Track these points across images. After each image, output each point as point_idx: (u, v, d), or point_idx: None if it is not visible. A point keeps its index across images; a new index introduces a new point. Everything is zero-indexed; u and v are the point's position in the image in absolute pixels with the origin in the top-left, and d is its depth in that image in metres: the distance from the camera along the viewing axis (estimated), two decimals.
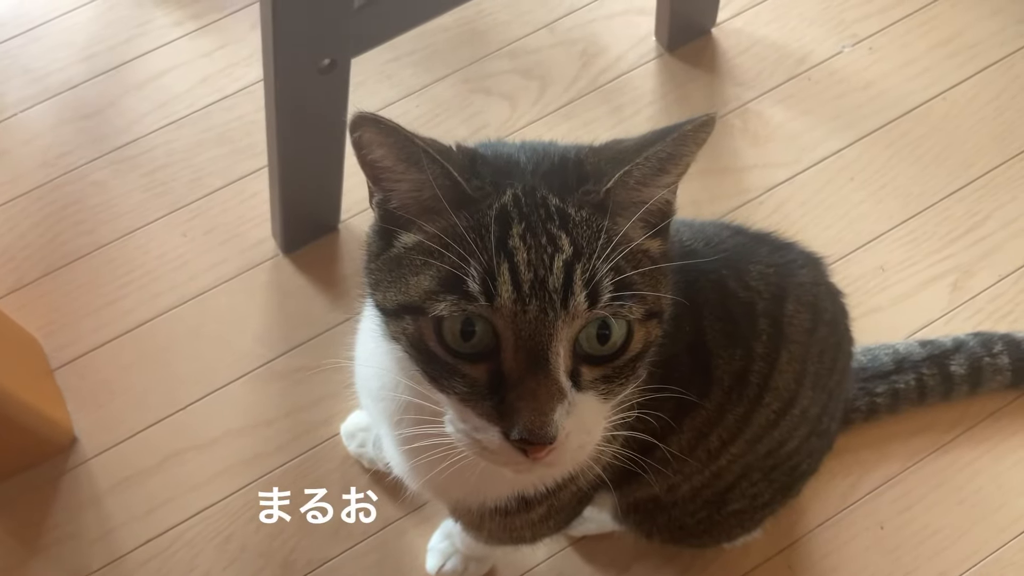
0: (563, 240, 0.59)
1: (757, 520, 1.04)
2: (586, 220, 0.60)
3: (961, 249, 1.31)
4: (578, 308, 0.58)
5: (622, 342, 0.61)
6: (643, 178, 0.62)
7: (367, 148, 0.61)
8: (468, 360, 0.60)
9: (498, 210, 0.60)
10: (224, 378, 1.22)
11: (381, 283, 0.64)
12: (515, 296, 0.57)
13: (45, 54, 1.42)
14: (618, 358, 0.61)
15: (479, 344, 0.59)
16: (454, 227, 0.60)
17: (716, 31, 1.46)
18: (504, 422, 0.58)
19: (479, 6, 1.45)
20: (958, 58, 1.44)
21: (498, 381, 0.59)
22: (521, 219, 0.59)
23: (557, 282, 0.57)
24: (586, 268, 0.58)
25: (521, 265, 0.58)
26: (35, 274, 1.27)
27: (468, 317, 0.58)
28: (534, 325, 0.57)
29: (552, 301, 0.57)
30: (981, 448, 1.19)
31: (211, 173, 1.34)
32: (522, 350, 0.58)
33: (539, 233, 0.59)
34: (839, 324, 0.91)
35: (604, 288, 0.58)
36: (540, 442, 0.58)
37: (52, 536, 1.13)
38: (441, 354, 0.60)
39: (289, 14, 0.95)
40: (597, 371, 0.61)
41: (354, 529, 1.14)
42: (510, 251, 0.58)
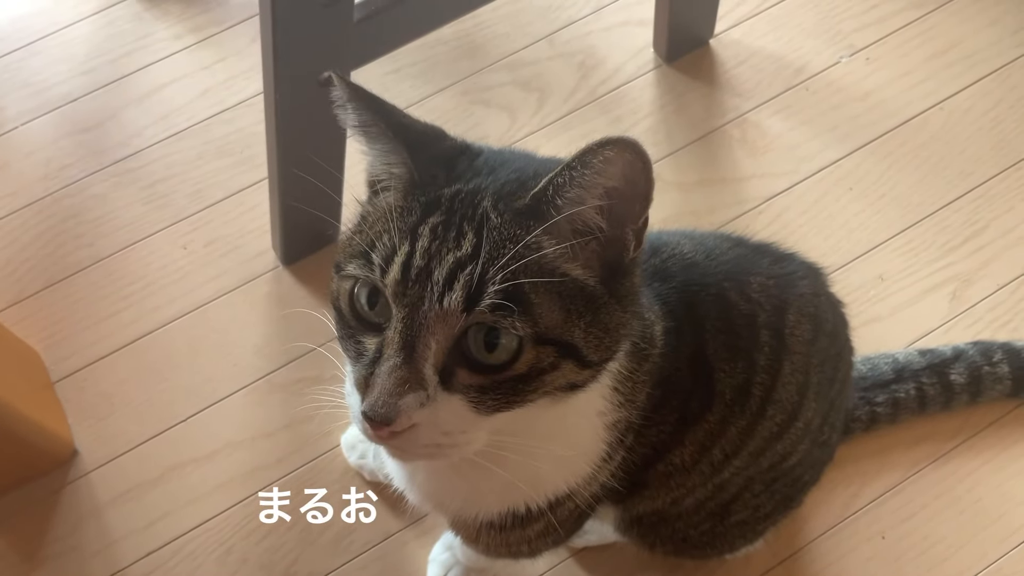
0: (467, 240, 0.60)
1: (759, 531, 1.04)
2: (501, 226, 0.60)
3: (960, 258, 1.31)
4: (452, 306, 0.58)
5: (508, 358, 0.60)
6: (561, 190, 0.60)
7: (341, 111, 0.65)
8: (368, 329, 0.62)
9: (431, 199, 0.62)
10: (224, 390, 1.22)
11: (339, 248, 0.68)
12: (400, 278, 0.59)
13: (45, 67, 1.43)
14: (500, 372, 0.60)
15: (379, 316, 0.61)
16: (390, 203, 0.63)
17: (714, 42, 1.47)
18: (364, 392, 0.60)
19: (478, 19, 1.46)
20: (955, 68, 1.45)
21: (378, 357, 0.60)
22: (444, 212, 0.61)
23: (441, 276, 0.58)
24: (474, 271, 0.58)
25: (418, 251, 0.59)
26: (36, 287, 1.28)
27: (373, 289, 0.61)
28: (411, 310, 0.59)
29: (431, 293, 0.58)
30: (982, 457, 1.19)
31: (211, 185, 1.35)
32: (399, 331, 0.59)
33: (451, 228, 0.60)
34: (839, 334, 0.91)
35: (486, 294, 0.58)
36: (376, 419, 0.59)
37: (53, 549, 1.13)
38: (347, 316, 0.63)
39: (289, 27, 0.95)
40: (475, 378, 0.60)
41: (355, 540, 1.14)
42: (417, 236, 0.60)
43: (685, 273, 0.81)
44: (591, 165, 0.58)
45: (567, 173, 0.59)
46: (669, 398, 0.79)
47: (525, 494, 0.78)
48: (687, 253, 0.83)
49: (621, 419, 0.74)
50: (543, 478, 0.77)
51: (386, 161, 0.65)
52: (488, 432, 0.63)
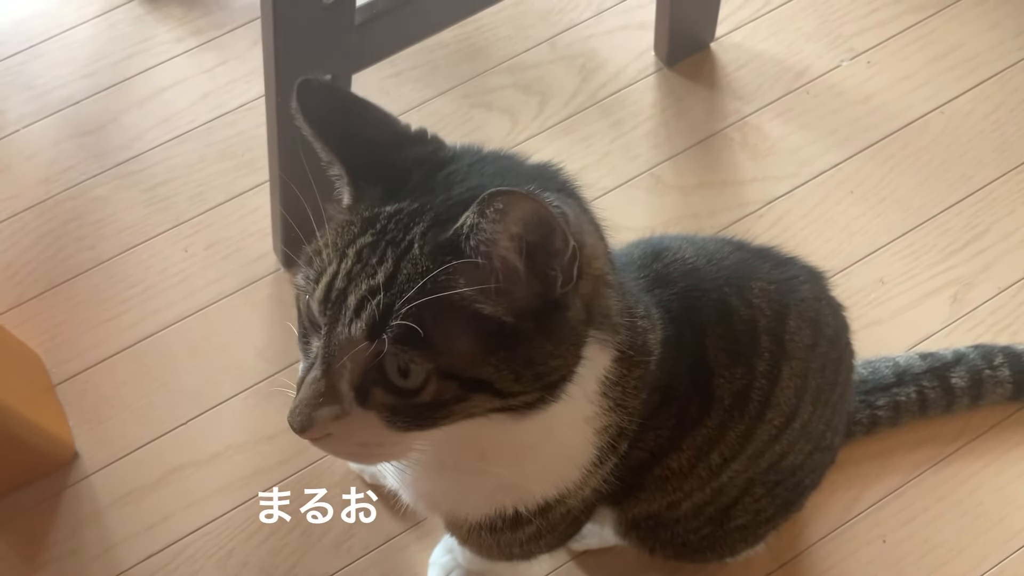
0: (385, 268, 0.59)
1: (760, 535, 1.04)
2: (419, 258, 0.59)
3: (961, 262, 1.31)
4: (356, 333, 0.59)
5: (416, 386, 0.60)
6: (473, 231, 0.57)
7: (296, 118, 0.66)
8: (314, 335, 0.63)
9: (369, 216, 0.62)
10: (225, 393, 1.22)
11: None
12: (322, 298, 0.61)
13: (47, 71, 1.43)
14: (409, 398, 0.61)
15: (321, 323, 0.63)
16: (340, 216, 0.65)
17: (715, 45, 1.47)
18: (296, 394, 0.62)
19: (479, 22, 1.46)
20: (956, 71, 1.45)
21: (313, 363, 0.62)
22: (374, 234, 0.61)
23: (352, 301, 0.59)
24: (381, 302, 0.58)
25: (341, 273, 0.61)
26: (37, 290, 1.28)
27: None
28: (328, 330, 0.60)
29: (344, 316, 0.60)
30: (983, 461, 1.19)
31: (212, 188, 1.35)
32: (323, 346, 0.61)
33: (375, 252, 0.60)
34: (840, 339, 0.91)
35: (388, 327, 0.58)
36: (293, 425, 0.61)
37: (53, 552, 1.13)
38: (302, 316, 0.64)
39: (290, 30, 0.96)
40: (388, 398, 0.61)
41: (356, 543, 1.14)
42: (343, 256, 0.61)
43: (686, 279, 0.81)
44: (486, 216, 0.56)
45: (475, 217, 0.57)
46: (667, 403, 0.79)
47: (513, 497, 0.78)
48: (688, 258, 0.83)
49: (612, 424, 0.73)
50: (531, 482, 0.76)
51: (332, 173, 0.67)
52: (418, 442, 0.64)
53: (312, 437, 0.62)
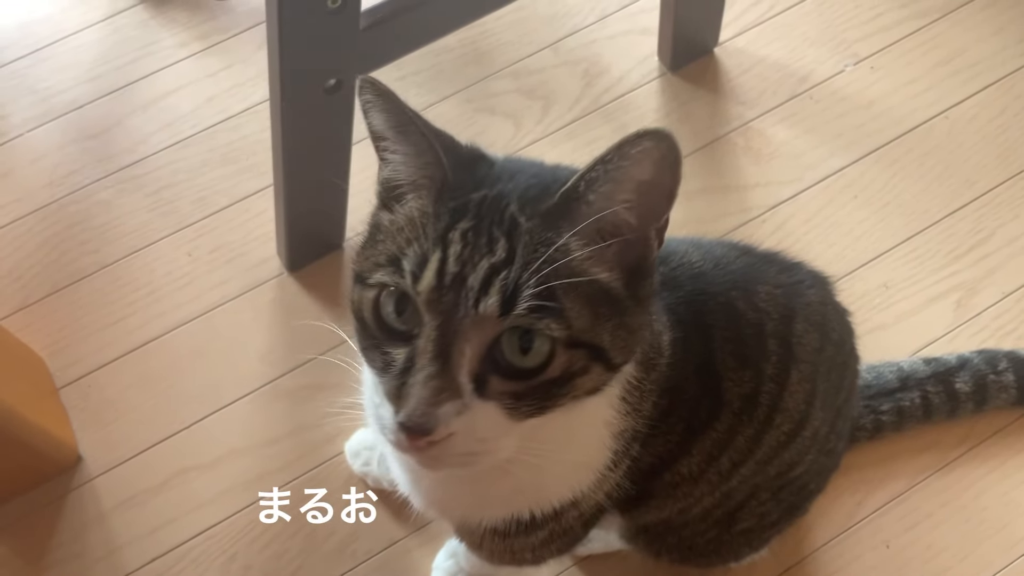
0: (499, 245, 0.60)
1: (764, 539, 1.04)
2: (532, 230, 0.60)
3: (965, 267, 1.31)
4: (488, 312, 0.58)
5: (541, 362, 0.60)
6: (592, 185, 0.60)
7: (368, 114, 0.64)
8: (394, 339, 0.61)
9: (459, 204, 0.62)
10: (229, 397, 1.22)
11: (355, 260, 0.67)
12: (435, 284, 0.59)
13: (51, 75, 1.43)
14: (533, 377, 0.60)
15: (407, 324, 0.61)
16: (418, 209, 0.63)
17: (718, 51, 1.47)
18: (397, 403, 0.59)
19: (483, 27, 1.46)
20: (960, 77, 1.45)
21: (409, 366, 0.60)
22: (473, 217, 0.61)
23: (476, 281, 0.58)
24: (509, 276, 0.58)
25: (451, 258, 0.59)
26: (40, 293, 1.28)
27: (402, 297, 0.61)
28: (446, 317, 0.58)
29: (466, 298, 0.58)
30: (987, 466, 1.19)
31: (216, 192, 1.35)
32: (432, 340, 0.59)
33: (482, 234, 0.60)
34: (846, 343, 0.91)
35: (522, 299, 0.58)
36: (415, 430, 0.58)
37: (57, 556, 1.13)
38: (372, 326, 0.62)
39: (295, 35, 0.96)
40: (509, 385, 0.60)
41: (359, 548, 1.14)
42: (448, 242, 0.60)
43: (693, 282, 0.81)
44: (629, 156, 0.58)
45: (600, 167, 0.59)
46: (676, 407, 0.79)
47: (530, 501, 0.78)
48: (695, 262, 0.83)
49: (627, 428, 0.74)
50: (549, 485, 0.77)
51: (420, 163, 0.64)
52: (517, 439, 0.63)
53: (437, 438, 0.58)
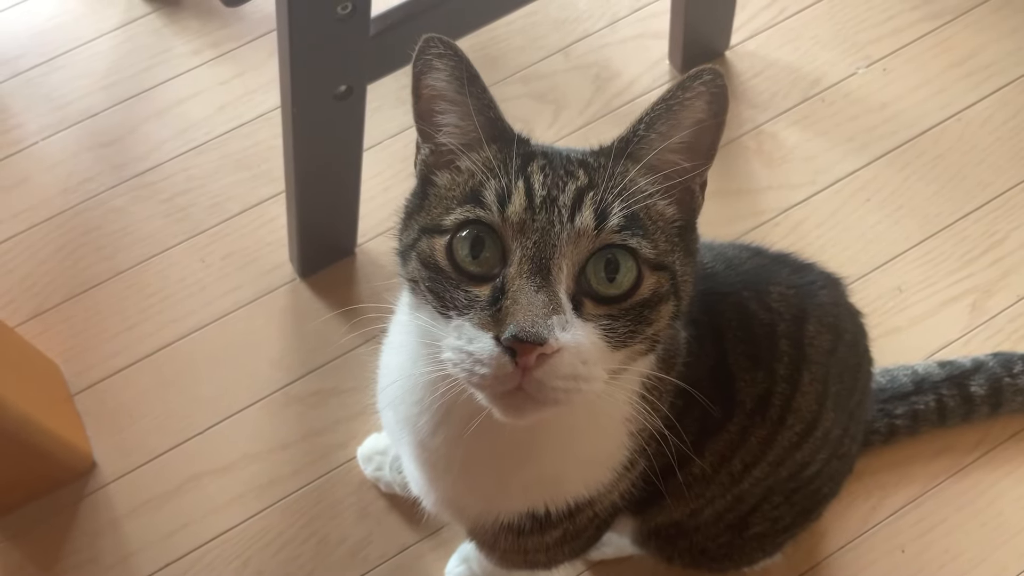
0: (579, 173, 0.63)
1: (778, 544, 1.03)
2: (603, 165, 0.64)
3: (979, 269, 1.30)
4: (584, 226, 0.60)
5: (629, 286, 0.61)
6: (650, 125, 0.64)
7: (429, 74, 0.65)
8: (474, 280, 0.62)
9: (525, 151, 0.65)
10: (241, 402, 1.22)
11: (405, 228, 0.68)
12: (526, 205, 0.61)
13: (66, 83, 1.45)
14: (625, 300, 0.61)
15: (486, 263, 0.61)
16: (482, 158, 0.65)
17: (730, 54, 1.47)
18: (497, 326, 0.58)
19: (493, 32, 1.46)
20: (973, 78, 1.44)
21: (499, 296, 0.60)
22: (544, 158, 0.65)
23: (567, 199, 0.61)
24: (596, 196, 0.61)
25: (536, 185, 0.62)
26: (55, 300, 1.29)
27: (478, 236, 0.61)
28: (540, 235, 0.60)
29: (560, 215, 0.60)
30: (1003, 470, 1.18)
31: (229, 199, 1.36)
32: (526, 260, 0.59)
33: (558, 168, 0.63)
34: (859, 345, 0.91)
35: (612, 214, 0.61)
36: (529, 340, 0.56)
37: (71, 561, 1.14)
38: (448, 270, 0.62)
39: (305, 42, 0.96)
40: (602, 308, 0.61)
41: (371, 552, 1.14)
42: (528, 175, 0.62)
43: (705, 283, 0.81)
44: (691, 89, 0.62)
45: (662, 105, 0.63)
46: (691, 407, 0.79)
47: (548, 494, 0.78)
48: (707, 263, 0.83)
49: (645, 427, 0.74)
50: (567, 478, 0.77)
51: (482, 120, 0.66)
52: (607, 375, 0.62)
53: (550, 350, 0.57)
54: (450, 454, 0.75)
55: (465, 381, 0.60)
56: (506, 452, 0.73)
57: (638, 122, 0.64)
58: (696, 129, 0.63)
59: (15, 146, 1.39)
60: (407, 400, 0.75)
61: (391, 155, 1.37)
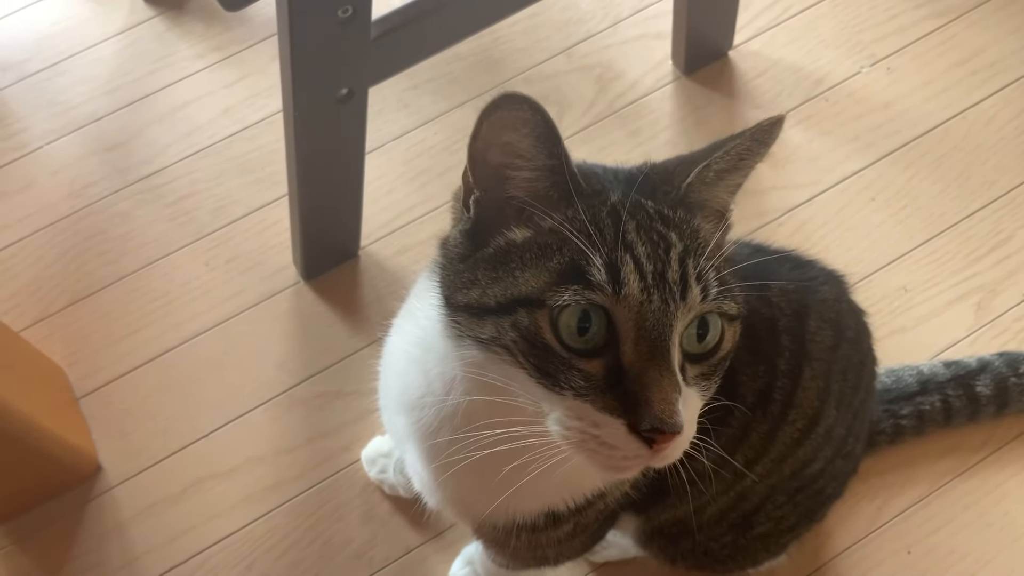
0: (672, 236, 0.61)
1: (782, 544, 1.03)
2: (683, 219, 0.63)
3: (985, 268, 1.30)
4: (694, 300, 0.60)
5: (717, 341, 0.62)
6: (719, 174, 0.64)
7: (504, 130, 0.60)
8: (582, 355, 0.59)
9: (610, 207, 0.62)
10: (246, 405, 1.23)
11: (477, 281, 0.63)
12: (641, 286, 0.58)
13: (70, 87, 1.45)
14: (713, 356, 0.62)
15: (593, 339, 0.59)
16: (573, 219, 0.61)
17: (733, 54, 1.46)
18: (630, 414, 0.58)
19: (495, 34, 1.46)
20: (978, 77, 1.44)
21: (615, 375, 0.59)
22: (631, 216, 0.61)
23: (676, 275, 0.59)
24: (696, 263, 0.60)
25: (642, 257, 0.59)
26: (60, 304, 1.29)
27: (584, 311, 0.59)
28: (657, 316, 0.58)
29: (672, 292, 0.59)
30: (1009, 470, 1.17)
31: (233, 202, 1.36)
32: (644, 341, 0.58)
33: (649, 230, 0.61)
34: (862, 343, 0.90)
35: (711, 282, 0.60)
36: (670, 431, 0.57)
37: (76, 565, 1.14)
38: (557, 347, 0.60)
39: (306, 45, 0.96)
40: (696, 368, 0.62)
41: (375, 555, 1.14)
42: (629, 243, 0.60)
43: None
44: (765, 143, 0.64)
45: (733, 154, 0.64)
46: None
47: (568, 491, 0.77)
48: None
49: None
50: (586, 474, 0.76)
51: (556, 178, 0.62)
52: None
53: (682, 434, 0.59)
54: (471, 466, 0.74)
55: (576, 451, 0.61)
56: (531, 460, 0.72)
57: (706, 168, 0.63)
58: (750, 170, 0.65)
59: (20, 151, 1.40)
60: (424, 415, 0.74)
61: (393, 158, 1.37)
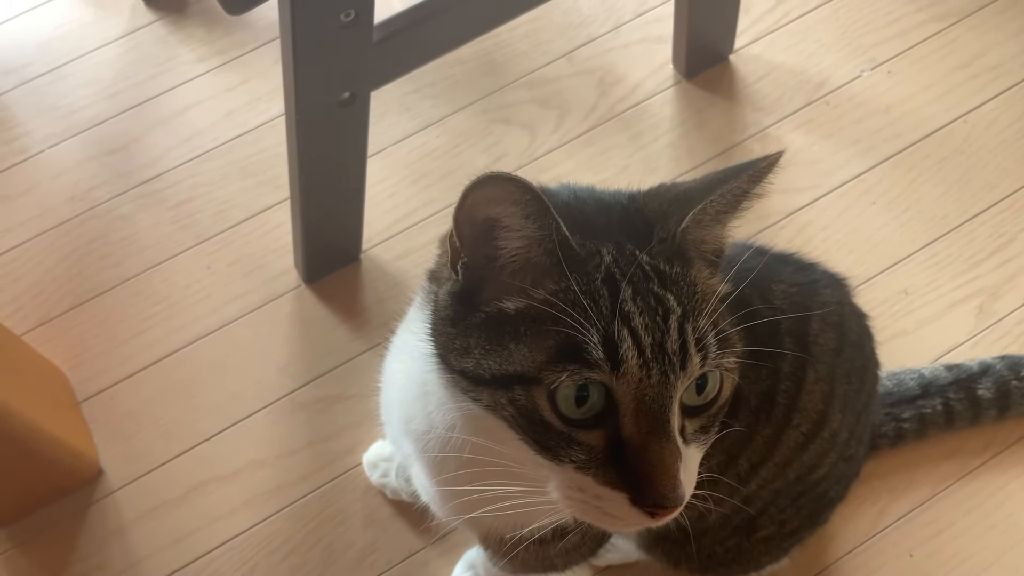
0: (670, 300, 0.58)
1: (785, 548, 1.03)
2: (679, 275, 0.60)
3: (986, 272, 1.30)
4: (694, 368, 0.58)
5: (714, 391, 0.61)
6: (716, 216, 0.62)
7: (489, 204, 0.58)
8: (581, 427, 0.58)
9: (605, 272, 0.59)
10: (248, 409, 1.23)
11: (470, 350, 0.61)
12: (640, 362, 0.57)
13: (72, 91, 1.45)
14: (712, 407, 0.61)
15: (592, 410, 0.58)
16: (566, 291, 0.58)
17: (734, 57, 1.47)
18: (632, 489, 0.58)
19: (497, 38, 1.46)
20: (979, 80, 1.44)
21: (616, 447, 0.58)
22: (627, 281, 0.58)
23: (675, 344, 0.57)
24: (695, 326, 0.58)
25: (640, 329, 0.57)
26: (62, 307, 1.29)
27: (583, 384, 0.57)
28: (657, 389, 0.57)
29: (672, 364, 0.57)
30: (1011, 473, 1.17)
31: (235, 206, 1.36)
32: (643, 414, 0.57)
33: (646, 295, 0.58)
34: (865, 346, 0.90)
35: (711, 344, 0.58)
36: (672, 506, 0.58)
37: (79, 568, 1.14)
38: (555, 423, 0.58)
39: (308, 49, 0.96)
40: (696, 422, 0.61)
41: (378, 559, 1.14)
42: (626, 315, 0.57)
43: None
44: (763, 186, 0.62)
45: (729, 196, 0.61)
46: None
47: None
48: None
49: None
50: None
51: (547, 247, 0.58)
52: None
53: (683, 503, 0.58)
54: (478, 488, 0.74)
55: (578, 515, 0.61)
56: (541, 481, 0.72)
57: (702, 211, 0.61)
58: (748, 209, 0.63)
59: (22, 154, 1.40)
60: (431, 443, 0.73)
61: (395, 161, 1.37)
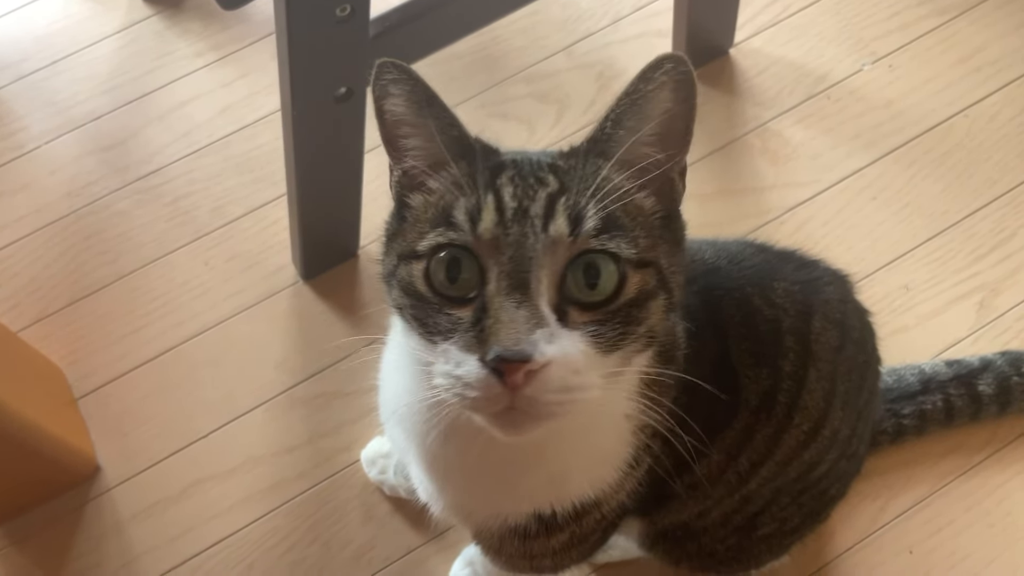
0: (549, 179, 0.62)
1: (785, 545, 1.02)
2: (573, 167, 0.63)
3: (987, 267, 1.29)
4: (559, 234, 0.59)
5: (613, 289, 0.60)
6: (619, 120, 0.63)
7: (387, 99, 0.65)
8: (454, 302, 0.61)
9: (495, 162, 0.65)
10: (245, 405, 1.22)
11: (387, 254, 0.67)
12: (497, 220, 0.60)
13: (68, 86, 1.45)
14: (610, 304, 0.60)
15: (465, 285, 0.61)
16: (452, 176, 0.64)
17: (734, 52, 1.46)
18: (481, 347, 0.58)
19: (495, 32, 1.46)
20: (980, 74, 1.43)
21: (481, 316, 0.59)
22: (513, 167, 0.64)
23: (539, 209, 0.60)
24: (569, 199, 0.60)
25: (506, 197, 0.61)
26: (59, 304, 1.29)
27: (454, 259, 0.61)
28: (515, 249, 0.59)
29: (533, 225, 0.59)
30: (1011, 470, 1.17)
31: (232, 201, 1.35)
32: (503, 276, 0.59)
33: (527, 176, 0.63)
34: (866, 343, 0.90)
35: (587, 218, 0.60)
36: (515, 358, 0.56)
37: (75, 565, 1.14)
38: (429, 295, 0.62)
39: (304, 44, 0.96)
40: (589, 315, 0.60)
41: (376, 556, 1.14)
42: (497, 188, 0.62)
43: (706, 278, 0.80)
44: (652, 80, 0.61)
45: (626, 100, 0.62)
46: (695, 405, 0.78)
47: (552, 495, 0.77)
48: (708, 259, 0.83)
49: (647, 424, 0.74)
50: (571, 479, 0.76)
51: (445, 139, 0.65)
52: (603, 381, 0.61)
53: (536, 366, 0.56)
54: (460, 463, 0.75)
55: (459, 404, 0.60)
56: (512, 456, 0.72)
57: (604, 119, 0.63)
58: (665, 118, 0.62)
59: (18, 150, 1.40)
60: (413, 418, 0.75)
61: None
